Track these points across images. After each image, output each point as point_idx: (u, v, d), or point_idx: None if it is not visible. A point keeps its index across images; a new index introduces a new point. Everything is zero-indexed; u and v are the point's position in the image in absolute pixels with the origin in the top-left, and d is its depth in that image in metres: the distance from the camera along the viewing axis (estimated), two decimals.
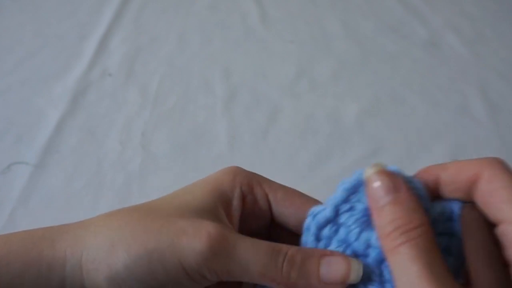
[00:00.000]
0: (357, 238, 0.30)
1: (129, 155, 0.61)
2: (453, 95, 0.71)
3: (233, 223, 0.32)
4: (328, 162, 0.61)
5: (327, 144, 0.63)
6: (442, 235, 0.29)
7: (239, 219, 0.32)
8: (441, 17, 0.85)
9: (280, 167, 0.60)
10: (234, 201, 0.32)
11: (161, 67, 0.74)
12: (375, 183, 0.28)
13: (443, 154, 0.62)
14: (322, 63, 0.76)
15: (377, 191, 0.28)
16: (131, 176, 0.58)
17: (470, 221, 0.28)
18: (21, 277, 0.27)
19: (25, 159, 0.59)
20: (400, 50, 0.79)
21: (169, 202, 0.31)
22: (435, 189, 0.30)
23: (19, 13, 0.84)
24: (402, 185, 0.28)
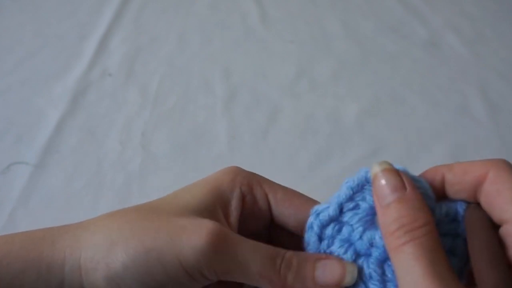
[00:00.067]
0: (360, 237, 0.30)
1: (129, 155, 0.61)
2: (453, 95, 0.71)
3: (232, 223, 0.32)
4: (328, 162, 0.61)
5: (327, 144, 0.63)
6: (446, 236, 0.29)
7: (239, 219, 0.32)
8: (441, 17, 0.85)
9: (280, 167, 0.60)
10: (233, 201, 0.32)
11: (161, 67, 0.74)
12: (382, 180, 0.28)
13: (443, 154, 0.62)
14: (322, 63, 0.76)
15: (383, 189, 0.28)
16: (131, 176, 0.58)
17: (474, 221, 0.28)
18: (21, 277, 0.27)
19: (25, 159, 0.59)
20: (400, 50, 0.79)
21: (168, 202, 0.31)
22: (441, 189, 0.30)
23: (19, 13, 0.84)
24: (408, 184, 0.28)
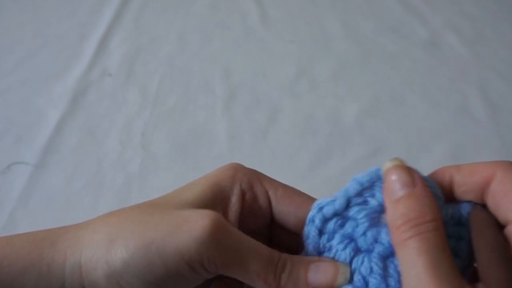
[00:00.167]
0: (364, 233, 0.30)
1: (129, 155, 0.61)
2: (453, 95, 0.71)
3: (232, 219, 0.32)
4: (328, 162, 0.61)
5: (327, 144, 0.63)
6: (450, 238, 0.29)
7: (239, 216, 0.32)
8: (441, 17, 0.85)
9: (280, 167, 0.60)
10: (233, 197, 0.32)
11: (161, 67, 0.74)
12: (392, 176, 0.29)
13: (443, 154, 0.62)
14: (322, 63, 0.76)
15: (393, 184, 0.28)
16: (131, 176, 0.58)
17: (480, 220, 0.28)
18: (21, 278, 0.27)
19: (25, 159, 0.59)
20: (400, 50, 0.79)
21: (168, 199, 0.31)
22: (449, 190, 0.30)
23: (19, 13, 0.84)
24: (419, 180, 0.28)
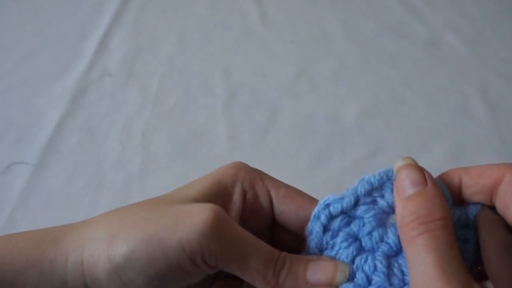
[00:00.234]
0: (370, 232, 0.30)
1: (129, 155, 0.61)
2: (453, 95, 0.71)
3: (233, 218, 0.32)
4: (328, 162, 0.61)
5: (327, 144, 0.63)
6: (456, 240, 0.30)
7: (240, 215, 0.32)
8: (441, 17, 0.85)
9: (280, 167, 0.60)
10: (234, 196, 0.32)
11: (161, 67, 0.74)
12: (403, 174, 0.29)
13: (443, 154, 0.62)
14: (322, 63, 0.76)
15: (404, 182, 0.29)
16: (131, 176, 0.58)
17: (488, 220, 0.28)
18: (23, 275, 0.27)
19: (25, 159, 0.59)
20: (400, 50, 0.79)
21: (170, 196, 0.31)
22: (457, 192, 0.30)
23: (19, 13, 0.84)
24: (429, 180, 0.29)
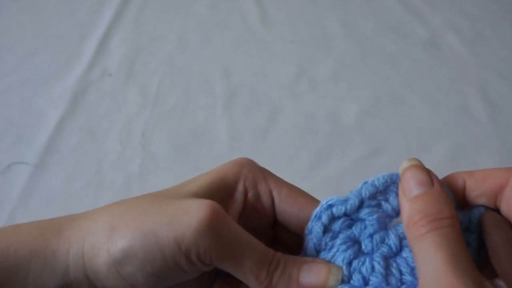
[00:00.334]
0: (371, 234, 0.30)
1: (129, 155, 0.61)
2: (453, 95, 0.71)
3: (233, 215, 0.31)
4: (328, 162, 0.61)
5: (327, 144, 0.63)
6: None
7: (241, 213, 0.32)
8: (441, 17, 0.85)
9: (280, 167, 0.59)
10: (236, 194, 0.32)
11: (161, 67, 0.74)
12: (410, 175, 0.29)
13: (443, 154, 0.62)
14: (322, 63, 0.76)
15: (411, 182, 0.29)
16: (131, 176, 0.58)
17: (493, 220, 0.29)
18: (28, 264, 0.28)
19: (25, 159, 0.59)
20: (400, 50, 0.79)
21: (172, 190, 0.32)
22: (461, 195, 0.30)
23: (19, 13, 0.84)
24: (435, 180, 0.29)
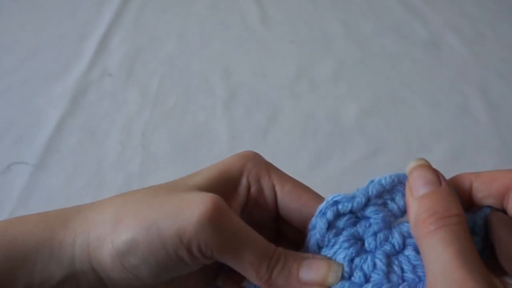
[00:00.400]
0: (375, 233, 0.30)
1: (129, 155, 0.61)
2: (453, 95, 0.71)
3: (235, 209, 0.32)
4: (328, 162, 0.61)
5: (327, 144, 0.63)
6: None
7: (244, 207, 0.32)
8: (441, 17, 0.85)
9: (280, 167, 0.59)
10: (240, 187, 0.32)
11: (161, 67, 0.74)
12: (417, 174, 0.29)
13: (443, 154, 0.62)
14: (322, 63, 0.76)
15: (418, 181, 0.29)
16: (131, 176, 0.58)
17: (500, 220, 0.29)
18: (35, 254, 0.28)
19: (25, 159, 0.59)
20: (400, 50, 0.79)
21: (177, 182, 0.32)
22: (468, 196, 0.30)
23: (19, 13, 0.84)
24: (442, 180, 0.29)
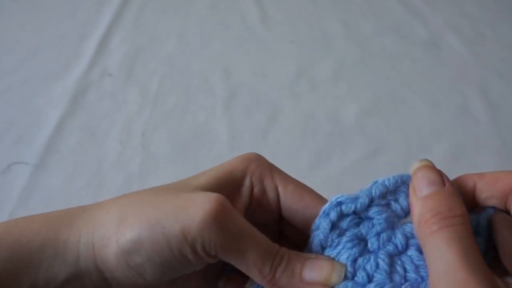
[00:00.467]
0: (378, 233, 0.30)
1: (129, 155, 0.61)
2: (453, 95, 0.71)
3: (239, 210, 0.32)
4: (328, 162, 0.61)
5: (327, 144, 0.63)
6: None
7: (247, 208, 0.33)
8: (441, 17, 0.85)
9: (280, 167, 0.60)
10: (243, 189, 0.32)
11: (161, 67, 0.74)
12: (421, 174, 0.29)
13: (443, 154, 0.62)
14: (322, 63, 0.76)
15: (421, 182, 0.29)
16: (131, 176, 0.58)
17: (504, 221, 0.29)
18: (40, 254, 0.28)
19: (25, 159, 0.59)
20: (400, 50, 0.79)
21: (181, 183, 0.32)
22: (471, 197, 0.30)
23: (19, 13, 0.84)
24: (446, 180, 0.29)
